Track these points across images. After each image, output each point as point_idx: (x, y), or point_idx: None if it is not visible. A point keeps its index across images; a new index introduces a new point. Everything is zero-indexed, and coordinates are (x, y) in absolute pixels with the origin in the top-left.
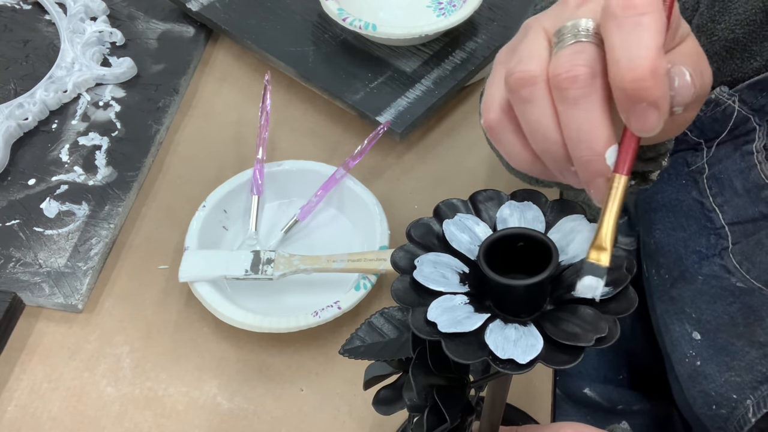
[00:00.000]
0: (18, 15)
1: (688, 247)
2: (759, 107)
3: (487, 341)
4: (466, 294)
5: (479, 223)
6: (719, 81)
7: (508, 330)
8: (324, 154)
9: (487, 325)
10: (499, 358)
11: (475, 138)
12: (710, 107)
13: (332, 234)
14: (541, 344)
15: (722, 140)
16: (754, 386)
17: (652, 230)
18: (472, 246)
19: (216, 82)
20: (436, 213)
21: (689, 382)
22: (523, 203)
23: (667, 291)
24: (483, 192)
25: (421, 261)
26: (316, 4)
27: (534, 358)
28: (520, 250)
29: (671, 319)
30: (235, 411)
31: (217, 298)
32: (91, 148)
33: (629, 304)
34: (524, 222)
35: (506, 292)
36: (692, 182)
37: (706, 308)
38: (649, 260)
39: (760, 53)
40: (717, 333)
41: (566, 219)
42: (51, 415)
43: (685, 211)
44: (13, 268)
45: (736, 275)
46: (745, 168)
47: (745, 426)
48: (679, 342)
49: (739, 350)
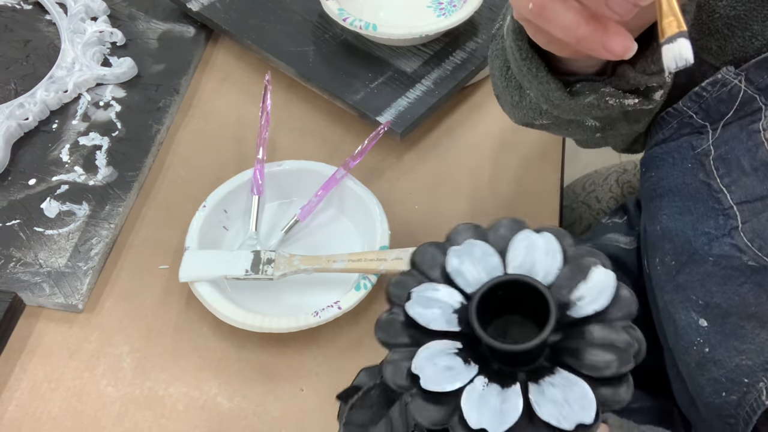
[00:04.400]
0: (18, 15)
1: (697, 230)
2: (765, 86)
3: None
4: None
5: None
6: (722, 60)
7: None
8: (324, 154)
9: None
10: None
11: (475, 138)
12: (716, 87)
13: (332, 234)
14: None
15: (728, 121)
16: (766, 368)
17: (659, 216)
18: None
19: (216, 82)
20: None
21: (697, 371)
22: (470, 245)
23: (672, 279)
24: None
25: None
26: (316, 4)
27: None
28: (516, 294)
29: (676, 308)
30: (235, 411)
31: (218, 298)
32: (91, 148)
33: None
34: (478, 266)
35: (497, 351)
36: (698, 165)
37: (717, 291)
38: (654, 250)
39: (761, 33)
40: (726, 317)
41: (516, 238)
42: (51, 415)
43: (692, 194)
44: (13, 268)
45: (747, 253)
46: (752, 147)
47: (758, 410)
48: (685, 331)
49: (749, 333)
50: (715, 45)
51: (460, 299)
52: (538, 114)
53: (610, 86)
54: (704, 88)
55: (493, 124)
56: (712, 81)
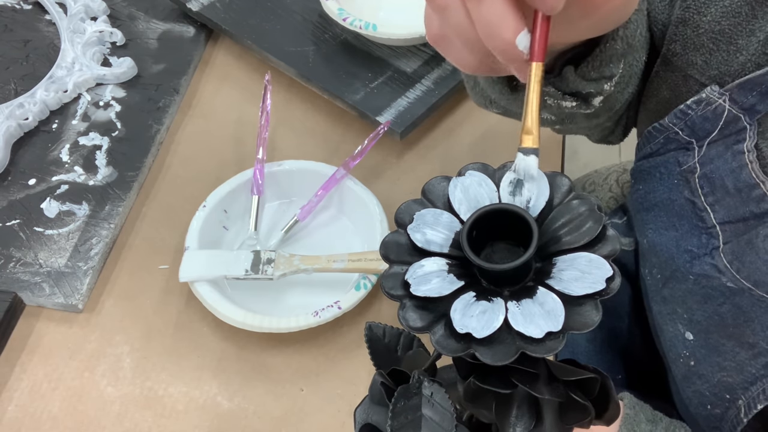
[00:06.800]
0: (18, 15)
1: (680, 247)
2: (749, 107)
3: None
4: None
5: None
6: (707, 75)
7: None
8: (324, 154)
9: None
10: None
11: (475, 138)
12: (701, 106)
13: (332, 234)
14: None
15: (713, 139)
16: (745, 387)
17: (645, 230)
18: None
19: (216, 82)
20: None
21: (684, 383)
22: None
23: (659, 291)
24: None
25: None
26: (316, 4)
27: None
28: (506, 222)
29: (664, 319)
30: (235, 411)
31: (217, 298)
32: (91, 148)
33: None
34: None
35: (485, 271)
36: (684, 182)
37: (697, 308)
38: (644, 260)
39: (746, 48)
40: (708, 333)
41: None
42: (51, 415)
43: (677, 211)
44: (13, 268)
45: (726, 275)
46: (736, 167)
47: (738, 426)
48: (673, 342)
49: (729, 351)
50: (700, 59)
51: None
52: (488, 102)
53: (551, 86)
54: (689, 106)
55: (493, 124)
56: (696, 100)
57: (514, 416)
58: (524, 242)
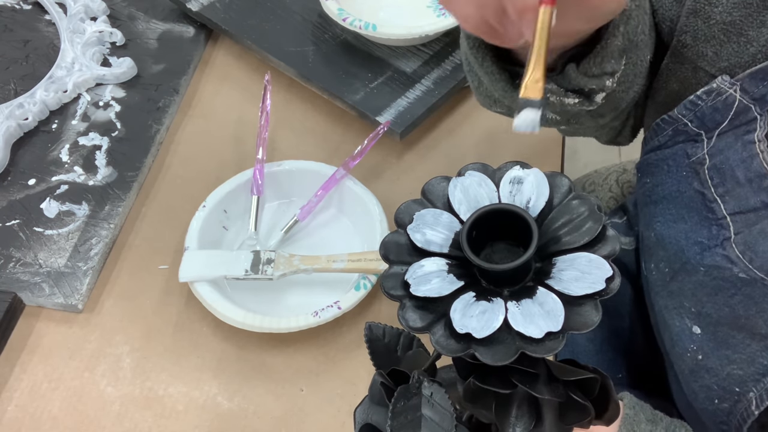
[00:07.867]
0: (18, 15)
1: (690, 239)
2: (760, 96)
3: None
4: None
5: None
6: (717, 66)
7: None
8: (324, 154)
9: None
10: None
11: (475, 138)
12: (711, 96)
13: (332, 234)
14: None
15: (723, 130)
16: (756, 379)
17: (653, 223)
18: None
19: (216, 82)
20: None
21: (691, 377)
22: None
23: (666, 285)
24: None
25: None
26: (316, 4)
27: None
28: (506, 222)
29: (671, 314)
30: (235, 411)
31: (217, 298)
32: (91, 148)
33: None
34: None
35: (485, 271)
36: (693, 173)
37: (707, 300)
38: (649, 255)
39: (756, 39)
40: (717, 326)
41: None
42: (51, 415)
43: (686, 203)
44: (13, 268)
45: (738, 265)
46: (746, 157)
47: (748, 419)
48: (679, 337)
49: (740, 343)
50: (710, 51)
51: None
52: (492, 101)
53: (553, 83)
54: (699, 96)
55: (493, 124)
56: (707, 90)
57: (514, 416)
58: (524, 242)
